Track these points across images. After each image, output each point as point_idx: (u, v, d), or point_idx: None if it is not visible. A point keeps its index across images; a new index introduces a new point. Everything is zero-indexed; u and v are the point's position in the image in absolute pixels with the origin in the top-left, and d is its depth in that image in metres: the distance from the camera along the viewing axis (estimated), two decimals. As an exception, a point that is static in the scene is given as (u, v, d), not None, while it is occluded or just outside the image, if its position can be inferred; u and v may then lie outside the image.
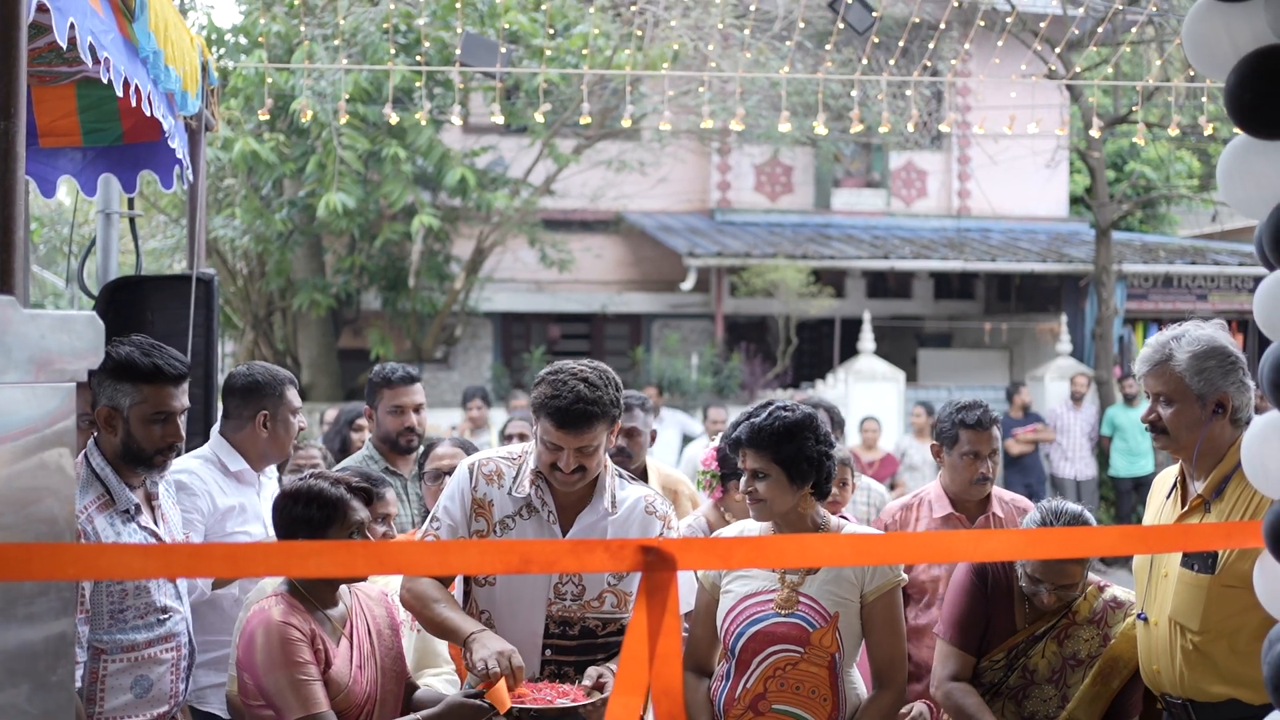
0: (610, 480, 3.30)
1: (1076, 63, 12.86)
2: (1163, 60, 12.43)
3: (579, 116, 9.32)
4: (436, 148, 12.94)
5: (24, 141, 2.41)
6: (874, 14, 9.07)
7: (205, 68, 4.35)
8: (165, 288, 4.54)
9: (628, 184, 15.97)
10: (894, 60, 10.85)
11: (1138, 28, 11.90)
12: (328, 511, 3.12)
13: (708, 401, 13.36)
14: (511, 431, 6.43)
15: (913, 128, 10.98)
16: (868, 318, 14.83)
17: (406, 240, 13.99)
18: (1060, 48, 12.14)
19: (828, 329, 16.29)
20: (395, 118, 8.62)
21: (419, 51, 10.66)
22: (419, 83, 10.32)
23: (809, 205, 17.67)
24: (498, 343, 16.93)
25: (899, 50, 10.58)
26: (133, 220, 5.13)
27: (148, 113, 3.65)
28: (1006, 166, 16.38)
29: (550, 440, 3.15)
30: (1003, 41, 10.40)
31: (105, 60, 3.06)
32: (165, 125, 3.92)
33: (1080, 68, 12.93)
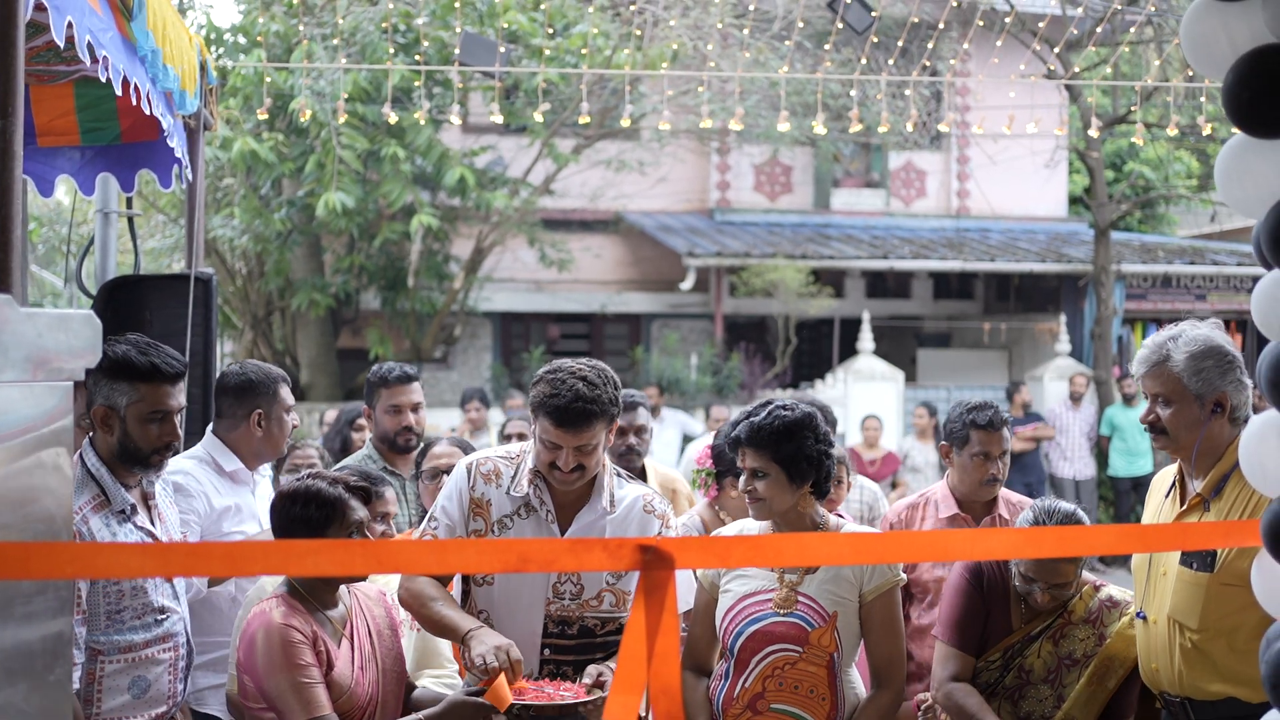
0: (609, 479, 3.30)
1: (1075, 63, 12.87)
2: (1161, 60, 12.43)
3: (578, 116, 9.31)
4: (436, 147, 12.94)
5: (22, 140, 2.40)
6: (873, 14, 9.07)
7: (204, 67, 4.34)
8: (164, 287, 4.52)
9: (627, 184, 15.96)
10: (893, 60, 10.85)
11: (1136, 28, 11.91)
12: (326, 511, 3.10)
13: (707, 401, 13.36)
14: (511, 431, 6.42)
15: (912, 128, 10.99)
16: (867, 318, 14.83)
17: (405, 240, 13.98)
18: (1059, 48, 12.14)
19: (827, 329, 16.28)
20: (394, 117, 8.61)
21: (418, 51, 10.65)
22: (418, 82, 10.32)
23: (808, 205, 17.66)
24: (497, 342, 16.92)
25: (898, 50, 10.58)
26: (131, 220, 5.12)
27: (146, 111, 3.65)
28: (1005, 166, 16.38)
29: (549, 439, 3.14)
30: (1001, 41, 10.39)
31: (104, 59, 3.05)
32: (164, 124, 3.92)
33: (1079, 68, 12.93)
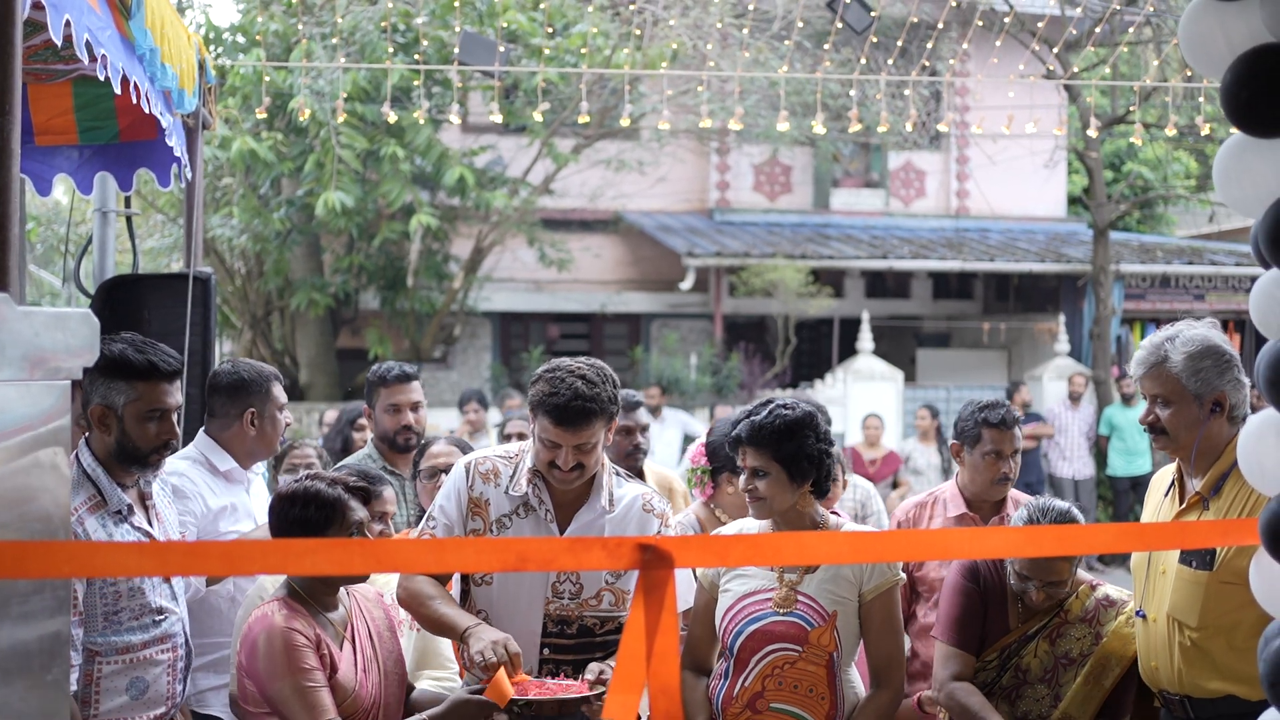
0: (608, 478, 3.29)
1: (1074, 63, 12.87)
2: (1160, 60, 12.43)
3: (578, 116, 9.31)
4: (435, 147, 12.93)
5: (19, 139, 2.40)
6: (872, 14, 9.08)
7: (203, 66, 4.33)
8: (162, 286, 4.50)
9: (626, 183, 15.96)
10: (892, 60, 10.85)
11: (1135, 28, 11.91)
12: (326, 512, 3.08)
13: (707, 401, 13.36)
14: (510, 430, 6.41)
15: (911, 128, 11.00)
16: (866, 317, 14.83)
17: (405, 239, 13.97)
18: (1058, 48, 12.14)
19: (826, 329, 16.28)
20: (394, 117, 8.61)
21: (417, 50, 10.65)
22: (417, 82, 10.32)
23: (808, 205, 17.66)
24: (496, 342, 16.91)
25: (897, 50, 10.58)
26: (130, 219, 5.11)
27: (145, 110, 3.64)
28: (1005, 166, 16.38)
29: (548, 438, 3.14)
30: (1001, 42, 10.40)
31: (102, 57, 3.04)
32: (162, 123, 3.91)
33: (1078, 68, 12.93)
